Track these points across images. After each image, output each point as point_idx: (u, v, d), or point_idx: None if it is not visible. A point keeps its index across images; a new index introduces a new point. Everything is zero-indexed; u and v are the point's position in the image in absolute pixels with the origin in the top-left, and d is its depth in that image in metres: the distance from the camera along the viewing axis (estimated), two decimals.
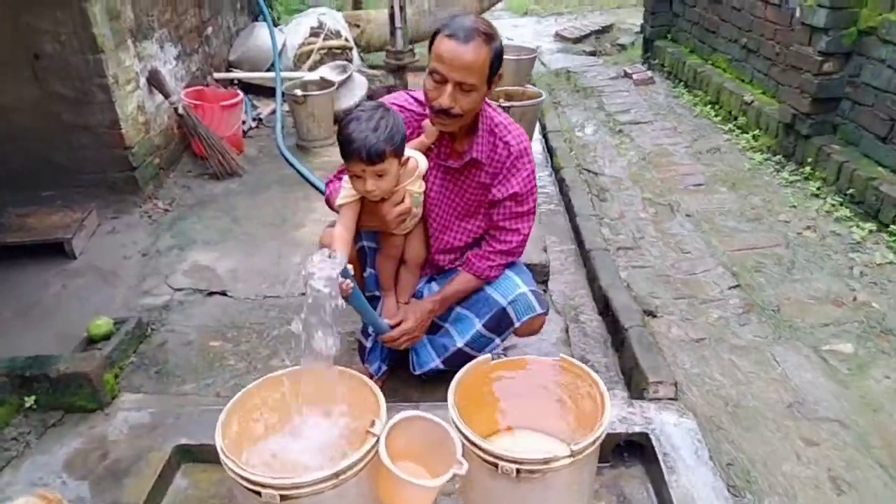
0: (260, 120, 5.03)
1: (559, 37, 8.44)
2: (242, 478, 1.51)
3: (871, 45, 3.52)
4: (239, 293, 2.97)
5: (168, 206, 3.75)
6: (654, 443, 1.94)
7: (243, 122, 4.70)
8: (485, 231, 2.22)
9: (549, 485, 1.58)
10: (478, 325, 2.20)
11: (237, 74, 5.20)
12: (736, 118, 4.78)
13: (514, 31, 9.13)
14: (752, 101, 4.59)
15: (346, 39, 5.59)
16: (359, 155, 1.81)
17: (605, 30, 8.47)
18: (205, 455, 2.05)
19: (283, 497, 1.50)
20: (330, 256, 1.71)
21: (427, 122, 2.05)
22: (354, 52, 5.61)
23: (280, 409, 1.83)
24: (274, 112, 5.03)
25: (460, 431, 1.61)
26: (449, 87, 1.87)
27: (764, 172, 4.12)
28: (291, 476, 1.49)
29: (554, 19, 9.89)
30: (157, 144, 3.96)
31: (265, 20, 5.40)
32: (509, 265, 2.22)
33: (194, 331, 2.71)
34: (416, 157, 2.01)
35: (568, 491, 1.63)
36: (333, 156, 4.43)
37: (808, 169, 3.90)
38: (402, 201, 1.99)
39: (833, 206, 3.58)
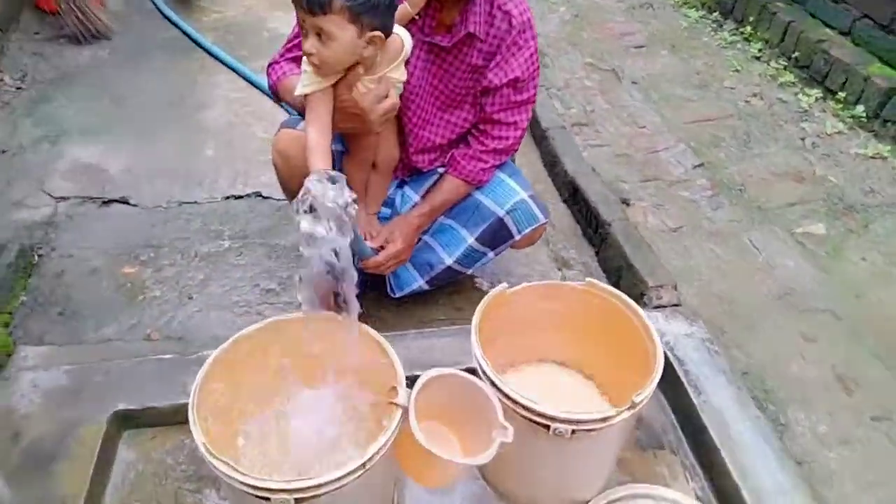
0: None
1: None
2: (244, 483, 1.18)
3: None
4: (145, 200, 2.42)
5: (19, 81, 2.95)
6: (673, 360, 1.80)
7: None
8: (472, 125, 1.83)
9: (600, 439, 1.39)
10: (469, 240, 1.89)
11: None
12: None
13: None
14: None
15: None
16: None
17: None
18: (152, 417, 1.67)
19: (299, 500, 1.20)
20: (329, 180, 1.29)
21: None
22: None
23: (272, 371, 1.47)
24: None
25: (501, 391, 1.34)
26: None
27: (702, 32, 3.90)
28: (310, 477, 1.18)
29: None
30: None
31: None
32: (500, 166, 1.88)
33: (98, 254, 2.18)
34: (399, 34, 1.54)
35: (617, 440, 1.46)
36: (226, 10, 3.66)
37: (748, 28, 3.72)
38: (387, 95, 1.55)
39: (777, 70, 3.46)
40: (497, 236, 1.87)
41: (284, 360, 1.49)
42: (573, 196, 2.62)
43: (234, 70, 3.12)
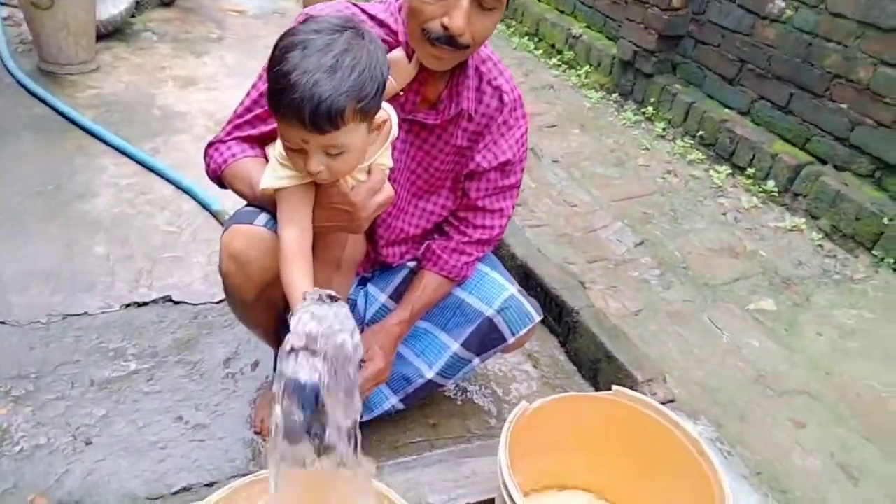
0: None
1: None
2: None
3: None
4: (15, 314, 1.90)
5: None
6: None
7: None
8: (450, 213, 1.59)
9: None
10: (453, 347, 1.61)
11: None
12: (561, 52, 4.58)
13: None
14: (581, 35, 4.40)
15: None
16: (298, 115, 1.05)
17: None
18: None
19: None
20: (322, 299, 0.98)
21: (397, 53, 1.33)
22: None
23: None
24: None
25: None
26: (465, 2, 1.18)
27: (605, 112, 3.99)
28: None
29: None
30: None
31: None
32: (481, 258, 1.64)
33: None
34: (387, 113, 1.29)
35: None
36: (104, 86, 3.22)
37: (650, 109, 3.85)
38: (380, 186, 1.28)
39: (685, 147, 3.57)
40: (486, 340, 1.61)
41: None
42: (525, 281, 2.42)
43: (122, 151, 2.67)
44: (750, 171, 3.27)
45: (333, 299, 0.99)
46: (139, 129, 2.88)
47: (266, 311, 1.46)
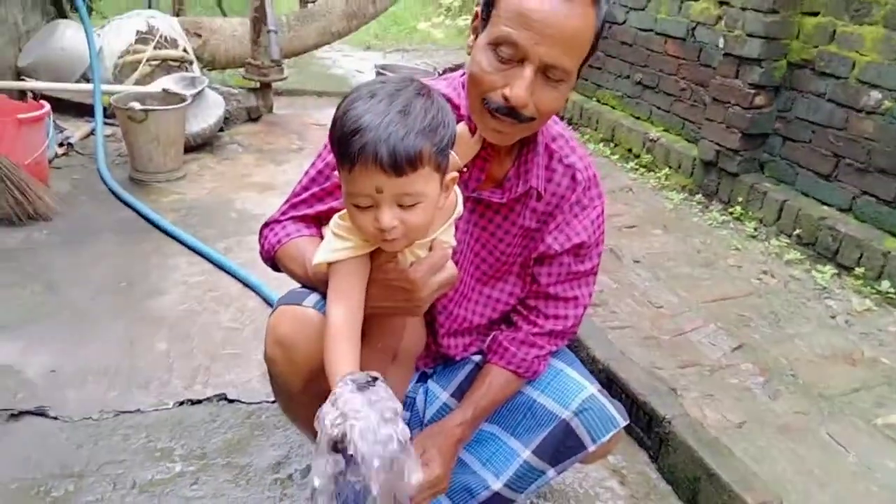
0: (70, 145, 3.74)
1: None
2: None
3: (805, 79, 3.34)
4: (69, 409, 1.84)
5: None
6: None
7: (46, 146, 3.41)
8: (518, 301, 1.44)
9: None
10: (523, 454, 1.40)
11: (34, 85, 3.85)
12: (638, 156, 4.49)
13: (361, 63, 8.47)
14: (658, 139, 4.32)
15: (185, 50, 4.48)
16: (375, 156, 0.96)
17: (458, 67, 8.11)
18: None
19: None
20: (368, 384, 0.84)
21: (461, 127, 1.24)
22: (195, 67, 4.51)
23: None
24: (90, 135, 3.79)
25: None
26: (528, 71, 1.10)
27: (689, 213, 3.80)
28: None
29: (401, 55, 9.39)
30: None
31: (81, 17, 4.10)
32: (554, 353, 1.46)
33: None
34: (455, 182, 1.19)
35: None
36: (188, 192, 3.34)
37: (738, 209, 3.63)
38: (443, 264, 1.15)
39: (780, 247, 3.30)
40: (562, 447, 1.39)
41: None
42: (608, 386, 2.18)
43: (196, 251, 2.71)
44: (859, 270, 2.95)
45: (374, 380, 0.85)
46: (215, 231, 2.94)
47: (313, 405, 1.31)
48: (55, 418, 1.81)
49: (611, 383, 2.17)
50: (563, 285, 1.40)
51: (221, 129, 4.00)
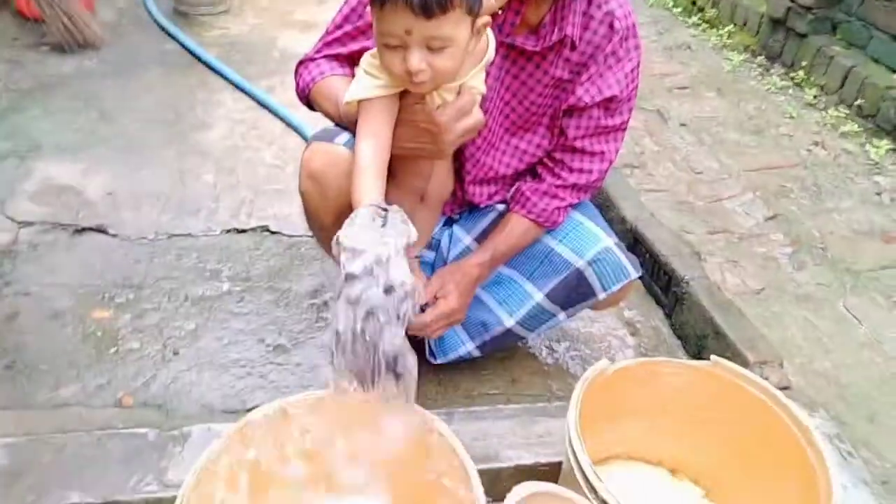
0: None
1: None
2: None
3: None
4: (127, 229, 2.00)
5: None
6: None
7: None
8: (545, 153, 1.46)
9: None
10: (537, 297, 1.49)
11: None
12: (702, 10, 4.20)
13: None
14: None
15: None
16: None
17: None
18: None
19: None
20: (384, 216, 0.91)
21: None
22: None
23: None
24: None
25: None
26: None
27: (747, 76, 3.61)
28: None
29: None
30: None
31: None
32: (576, 205, 1.50)
33: (63, 293, 1.75)
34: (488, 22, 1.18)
35: None
36: (231, 27, 3.32)
37: (801, 73, 3.43)
38: (470, 110, 1.17)
39: (837, 118, 3.16)
40: (574, 293, 1.47)
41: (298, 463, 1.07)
42: (634, 246, 2.24)
43: (240, 88, 2.75)
44: None
45: (385, 216, 0.92)
46: (258, 69, 2.95)
47: None
48: (114, 236, 1.97)
49: (637, 244, 2.22)
50: (591, 139, 1.40)
51: None
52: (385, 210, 0.96)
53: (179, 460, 1.25)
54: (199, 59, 2.91)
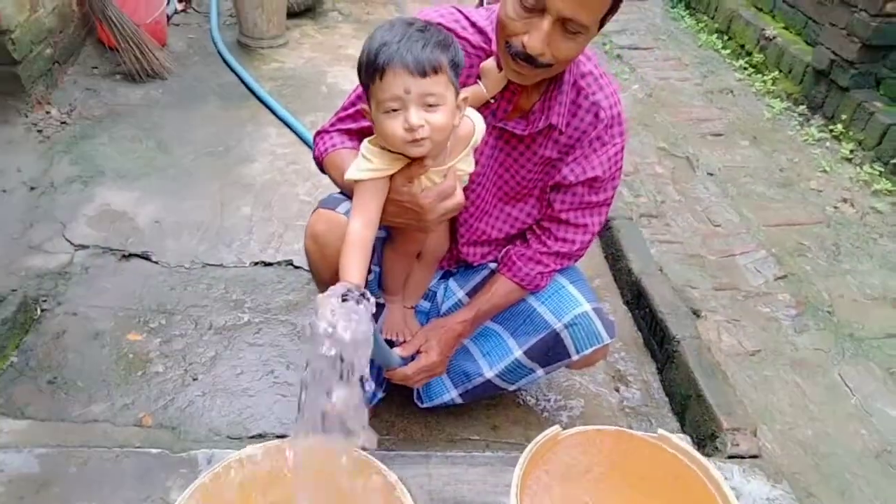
0: (188, 2, 4.01)
1: None
2: None
3: None
4: (168, 257, 2.23)
5: (66, 115, 2.85)
6: None
7: (167, 3, 3.69)
8: (534, 221, 1.58)
9: None
10: (516, 352, 1.61)
11: None
12: (750, 54, 4.20)
13: None
14: (774, 38, 4.00)
15: None
16: (402, 60, 1.12)
17: None
18: None
19: None
20: (348, 296, 1.07)
21: (490, 63, 1.35)
22: None
23: None
24: None
25: None
26: (546, 23, 1.17)
27: (786, 125, 3.61)
28: None
29: None
30: (50, 28, 2.99)
31: None
32: (562, 270, 1.62)
33: (105, 315, 1.99)
34: (472, 118, 1.32)
35: None
36: (286, 61, 3.56)
37: (839, 126, 3.41)
38: (453, 192, 1.32)
39: (871, 175, 3.13)
40: (550, 353, 1.60)
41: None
42: (637, 299, 2.32)
43: (284, 123, 2.97)
44: None
45: (363, 297, 1.08)
46: (305, 104, 3.17)
47: None
48: (156, 262, 2.20)
49: (639, 298, 2.31)
50: (576, 212, 1.52)
51: None
52: (351, 292, 1.11)
53: (182, 483, 1.44)
54: (252, 91, 3.16)
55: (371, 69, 1.16)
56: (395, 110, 1.17)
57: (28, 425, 1.61)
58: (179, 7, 3.96)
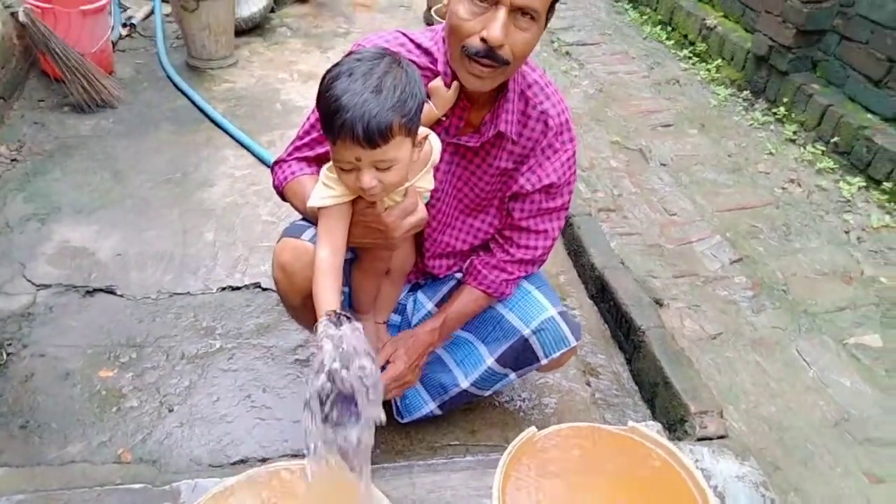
0: (133, 26, 3.95)
1: None
2: None
3: None
4: (133, 289, 2.22)
5: (15, 152, 2.80)
6: None
7: (111, 30, 3.64)
8: (496, 231, 1.63)
9: None
10: (488, 360, 1.66)
11: None
12: (693, 44, 4.32)
13: None
14: (715, 27, 4.13)
15: None
16: (352, 133, 1.14)
17: None
18: None
19: None
20: (339, 319, 1.11)
21: (437, 82, 1.39)
22: None
23: None
24: (151, 15, 3.97)
25: None
26: (502, 13, 1.22)
27: (732, 111, 3.73)
28: None
29: None
30: None
31: None
32: (527, 276, 1.67)
33: (74, 354, 1.97)
34: (429, 138, 1.36)
35: None
36: (238, 80, 3.55)
37: (782, 110, 3.55)
38: (415, 209, 1.36)
39: (814, 154, 3.27)
40: (520, 358, 1.64)
41: None
42: (601, 293, 2.39)
43: (241, 143, 2.97)
44: (886, 185, 2.93)
45: (348, 319, 1.11)
46: (260, 123, 3.17)
47: (311, 314, 1.60)
48: (121, 296, 2.19)
49: (603, 291, 2.37)
50: (535, 219, 1.57)
51: (272, 11, 4.09)
52: (339, 315, 1.14)
53: None
54: (206, 114, 3.14)
55: (326, 128, 1.19)
56: (349, 169, 1.22)
57: (4, 473, 1.60)
58: (124, 32, 3.91)
